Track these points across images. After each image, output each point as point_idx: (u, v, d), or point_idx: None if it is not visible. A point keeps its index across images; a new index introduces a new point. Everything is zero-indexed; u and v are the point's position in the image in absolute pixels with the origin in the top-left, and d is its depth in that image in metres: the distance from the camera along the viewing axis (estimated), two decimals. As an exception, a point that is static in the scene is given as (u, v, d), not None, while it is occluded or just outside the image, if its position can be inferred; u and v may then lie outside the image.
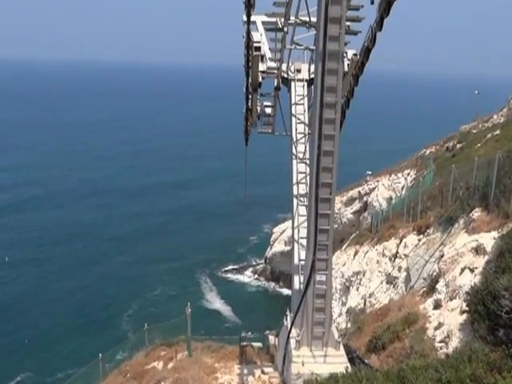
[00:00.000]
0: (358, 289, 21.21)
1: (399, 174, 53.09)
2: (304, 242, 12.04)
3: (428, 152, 52.06)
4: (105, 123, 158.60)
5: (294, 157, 12.66)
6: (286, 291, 55.34)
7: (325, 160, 8.94)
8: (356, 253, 25.07)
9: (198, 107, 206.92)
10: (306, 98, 13.16)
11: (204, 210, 75.87)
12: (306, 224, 12.06)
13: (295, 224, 12.15)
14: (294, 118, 12.97)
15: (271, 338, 16.30)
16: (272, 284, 57.34)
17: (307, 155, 12.62)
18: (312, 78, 13.62)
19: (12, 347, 41.26)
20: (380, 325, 13.09)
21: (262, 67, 13.16)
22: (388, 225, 21.45)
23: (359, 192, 55.14)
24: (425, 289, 13.43)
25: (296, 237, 12.05)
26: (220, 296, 53.34)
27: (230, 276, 57.98)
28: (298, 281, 11.53)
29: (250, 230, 64.15)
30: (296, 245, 11.97)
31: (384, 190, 54.30)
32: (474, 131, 49.51)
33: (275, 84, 13.51)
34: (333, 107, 8.86)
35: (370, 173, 57.41)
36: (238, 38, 11.90)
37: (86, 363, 38.50)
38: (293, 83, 13.28)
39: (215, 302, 52.34)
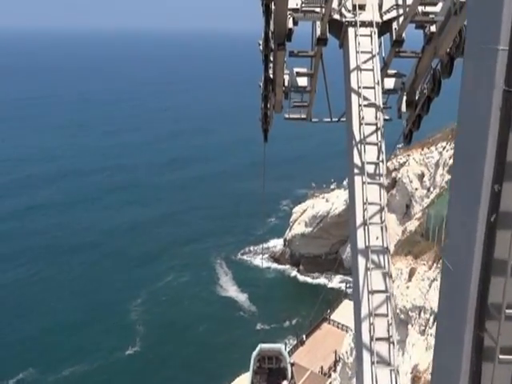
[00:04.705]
0: (423, 332, 15.13)
1: (432, 148, 47.68)
2: (380, 333, 6.07)
3: (467, 122, 46.14)
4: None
5: (356, 170, 6.47)
6: (306, 277, 51.44)
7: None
8: (413, 272, 18.53)
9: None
10: (377, 57, 7.00)
11: (219, 190, 71.36)
12: (380, 298, 6.32)
13: (363, 302, 6.18)
14: (354, 96, 6.74)
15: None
16: (291, 268, 53.58)
17: (382, 169, 6.44)
18: (388, 20, 7.27)
19: (13, 344, 38.68)
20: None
21: (293, 2, 7.04)
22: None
23: (387, 167, 49.92)
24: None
25: (365, 332, 5.99)
26: (235, 281, 50.03)
27: (247, 260, 54.17)
28: None
29: (267, 210, 59.69)
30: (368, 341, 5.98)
31: (415, 165, 49.27)
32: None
33: (317, 33, 7.36)
34: None
35: (399, 146, 51.87)
36: None
37: (90, 360, 35.87)
38: (351, 31, 7.07)
39: (230, 288, 49.16)
